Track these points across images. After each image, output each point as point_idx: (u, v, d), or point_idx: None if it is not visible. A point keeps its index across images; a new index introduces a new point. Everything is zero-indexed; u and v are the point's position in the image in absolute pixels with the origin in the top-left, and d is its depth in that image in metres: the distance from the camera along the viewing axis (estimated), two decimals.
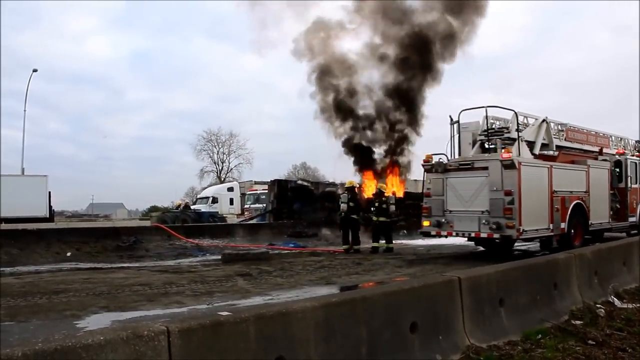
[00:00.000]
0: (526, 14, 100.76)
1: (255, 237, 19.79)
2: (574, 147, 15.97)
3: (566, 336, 5.47)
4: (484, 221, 12.35)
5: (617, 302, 7.17)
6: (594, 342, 5.27)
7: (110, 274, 11.39)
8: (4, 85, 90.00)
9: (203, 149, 69.82)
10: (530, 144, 14.20)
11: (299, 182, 28.43)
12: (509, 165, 12.05)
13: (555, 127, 15.48)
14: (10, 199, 25.55)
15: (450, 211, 13.18)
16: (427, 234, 14.20)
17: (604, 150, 16.90)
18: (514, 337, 5.33)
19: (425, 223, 13.81)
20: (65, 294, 8.68)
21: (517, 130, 13.60)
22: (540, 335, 5.41)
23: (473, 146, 14.54)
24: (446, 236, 13.67)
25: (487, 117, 14.05)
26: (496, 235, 12.26)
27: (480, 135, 14.47)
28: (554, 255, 7.49)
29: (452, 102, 50.18)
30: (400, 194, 24.41)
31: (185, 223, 24.79)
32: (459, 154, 14.33)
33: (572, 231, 13.73)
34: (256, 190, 37.20)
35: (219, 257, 14.44)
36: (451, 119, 14.56)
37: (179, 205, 31.14)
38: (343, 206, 15.97)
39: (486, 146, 14.53)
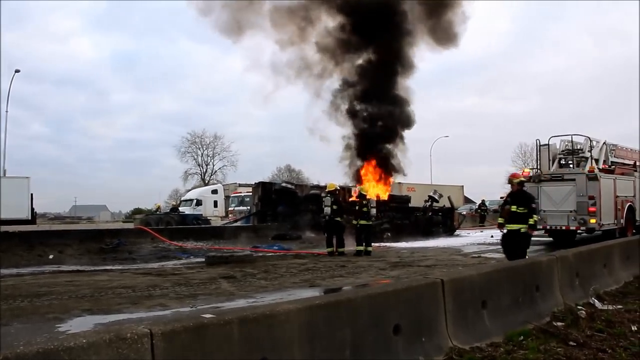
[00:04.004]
0: (508, 19, 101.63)
1: (239, 239, 19.71)
2: (620, 162, 19.92)
3: (548, 337, 5.52)
4: (572, 218, 16.50)
5: (597, 303, 7.26)
6: (575, 343, 5.33)
7: (93, 277, 11.29)
8: None
9: (187, 151, 69.79)
10: (596, 161, 17.94)
11: (283, 184, 28.37)
12: (593, 177, 16.40)
13: (609, 147, 19.39)
14: None
15: (544, 211, 16.82)
16: None
17: (637, 164, 20.83)
18: (496, 338, 5.37)
19: None
20: (47, 296, 8.59)
21: (590, 151, 17.89)
22: (522, 337, 5.46)
23: (553, 162, 18.50)
24: (540, 229, 16.82)
25: (572, 142, 18.51)
26: (583, 228, 16.42)
27: (559, 154, 18.76)
28: (536, 257, 7.58)
29: (436, 105, 50.63)
30: (384, 197, 24.54)
31: (169, 225, 24.67)
32: (548, 169, 18.32)
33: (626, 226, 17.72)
34: (240, 192, 37.18)
35: (203, 259, 14.37)
36: (538, 142, 18.58)
37: (159, 208, 31.12)
38: (327, 209, 15.88)
39: (562, 162, 18.77)
